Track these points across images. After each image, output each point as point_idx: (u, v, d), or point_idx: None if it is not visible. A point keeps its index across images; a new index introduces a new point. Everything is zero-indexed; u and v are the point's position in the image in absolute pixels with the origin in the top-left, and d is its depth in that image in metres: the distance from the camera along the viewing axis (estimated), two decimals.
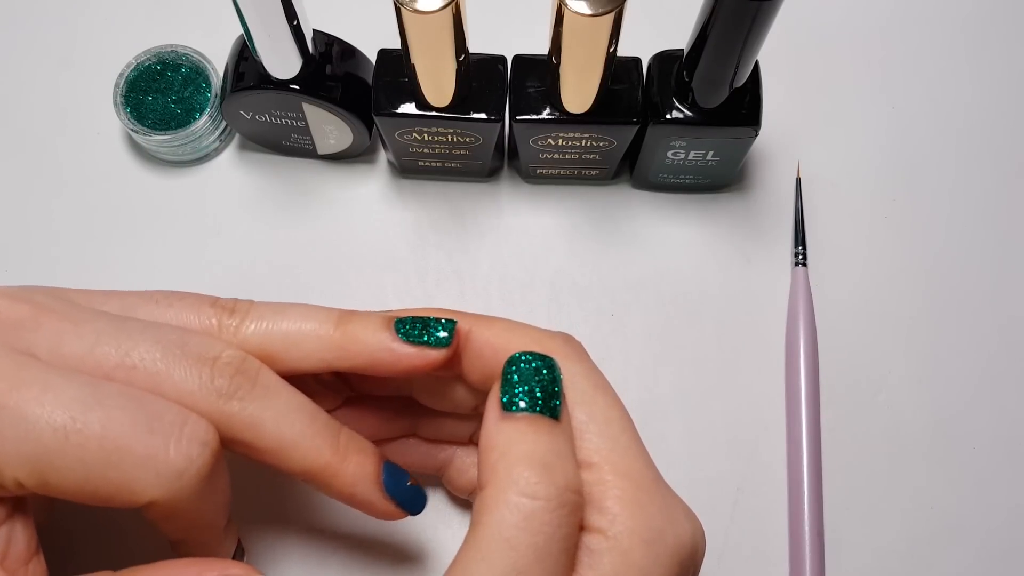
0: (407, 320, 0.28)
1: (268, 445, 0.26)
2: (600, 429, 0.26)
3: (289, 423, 0.27)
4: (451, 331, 0.28)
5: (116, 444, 0.23)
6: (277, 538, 0.36)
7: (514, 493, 0.23)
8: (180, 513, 0.25)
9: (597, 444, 0.25)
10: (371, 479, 0.28)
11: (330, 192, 0.42)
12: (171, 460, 0.24)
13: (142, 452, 0.24)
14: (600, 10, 0.30)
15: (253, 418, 0.26)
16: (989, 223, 0.42)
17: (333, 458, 0.27)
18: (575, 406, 0.26)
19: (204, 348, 0.26)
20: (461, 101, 0.36)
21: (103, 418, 0.23)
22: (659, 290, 0.40)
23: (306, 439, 0.27)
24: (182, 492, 0.24)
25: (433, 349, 0.28)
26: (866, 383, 0.39)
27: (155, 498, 0.24)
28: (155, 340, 0.26)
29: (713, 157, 0.38)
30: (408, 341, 0.28)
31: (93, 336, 0.25)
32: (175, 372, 0.25)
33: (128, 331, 0.26)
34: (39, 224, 0.41)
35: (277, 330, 0.28)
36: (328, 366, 0.28)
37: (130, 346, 0.25)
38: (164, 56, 0.41)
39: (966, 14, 0.45)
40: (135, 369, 0.25)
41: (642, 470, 0.25)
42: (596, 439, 0.26)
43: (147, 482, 0.24)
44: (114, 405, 0.24)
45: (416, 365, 0.28)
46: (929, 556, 0.37)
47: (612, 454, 0.25)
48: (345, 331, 0.28)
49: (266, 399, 0.27)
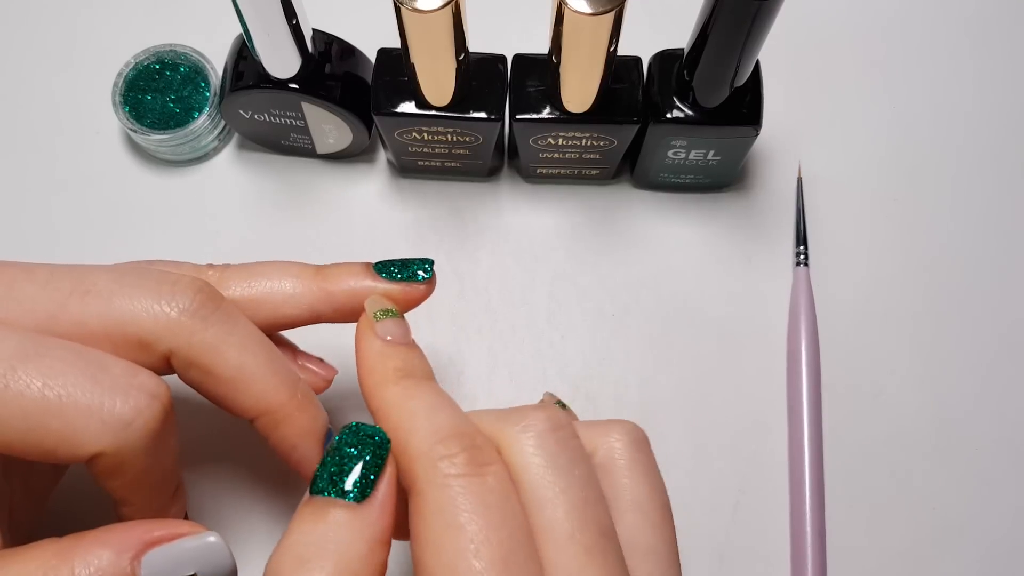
0: (386, 261, 0.30)
1: (228, 373, 0.26)
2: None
3: (252, 354, 0.27)
4: (430, 267, 0.29)
5: (58, 393, 0.23)
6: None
7: None
8: (127, 468, 0.24)
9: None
10: (318, 438, 0.28)
11: (329, 192, 0.42)
12: (118, 411, 0.23)
13: (86, 401, 0.23)
14: (600, 9, 0.29)
15: (216, 341, 0.26)
16: (991, 222, 0.42)
17: (289, 402, 0.27)
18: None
19: (164, 273, 0.26)
20: (461, 100, 0.36)
21: (43, 367, 0.23)
22: (660, 290, 0.40)
23: (267, 375, 0.27)
24: (128, 444, 0.24)
25: (415, 285, 0.29)
26: (868, 383, 0.39)
27: (101, 449, 0.23)
28: (110, 269, 0.26)
29: (714, 157, 0.38)
30: (390, 279, 0.29)
31: (46, 275, 0.25)
32: (133, 294, 0.25)
33: (83, 267, 0.26)
34: (38, 224, 0.41)
35: (260, 275, 0.29)
36: (314, 314, 0.29)
37: (84, 275, 0.25)
38: (163, 55, 0.41)
39: (968, 13, 0.45)
40: (89, 294, 0.25)
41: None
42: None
43: (92, 432, 0.23)
44: (57, 356, 0.23)
45: (398, 302, 0.29)
46: (931, 557, 0.37)
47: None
48: (327, 276, 0.29)
49: (230, 323, 0.26)
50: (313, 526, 0.22)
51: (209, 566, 0.23)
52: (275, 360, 0.27)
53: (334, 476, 0.23)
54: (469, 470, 0.22)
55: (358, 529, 0.22)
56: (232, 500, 0.36)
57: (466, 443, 0.23)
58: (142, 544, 0.23)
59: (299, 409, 0.27)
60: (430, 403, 0.24)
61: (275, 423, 0.27)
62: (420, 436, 0.23)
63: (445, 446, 0.23)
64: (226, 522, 0.36)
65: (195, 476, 0.36)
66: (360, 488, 0.23)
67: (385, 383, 0.26)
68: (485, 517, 0.22)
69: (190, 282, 0.26)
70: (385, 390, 0.25)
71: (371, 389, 0.26)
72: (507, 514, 0.22)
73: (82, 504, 0.30)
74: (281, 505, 0.36)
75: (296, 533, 0.22)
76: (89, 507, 0.29)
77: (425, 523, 0.22)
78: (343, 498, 0.22)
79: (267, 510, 0.36)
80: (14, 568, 0.22)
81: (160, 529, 0.23)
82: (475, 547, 0.21)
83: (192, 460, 0.29)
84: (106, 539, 0.23)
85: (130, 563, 0.23)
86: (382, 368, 0.26)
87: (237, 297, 0.29)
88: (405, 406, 0.24)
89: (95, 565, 0.22)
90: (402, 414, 0.24)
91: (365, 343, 0.27)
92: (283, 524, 0.36)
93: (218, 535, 0.23)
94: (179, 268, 0.29)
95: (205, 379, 0.26)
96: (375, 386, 0.26)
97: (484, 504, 0.22)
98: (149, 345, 0.25)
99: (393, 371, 0.26)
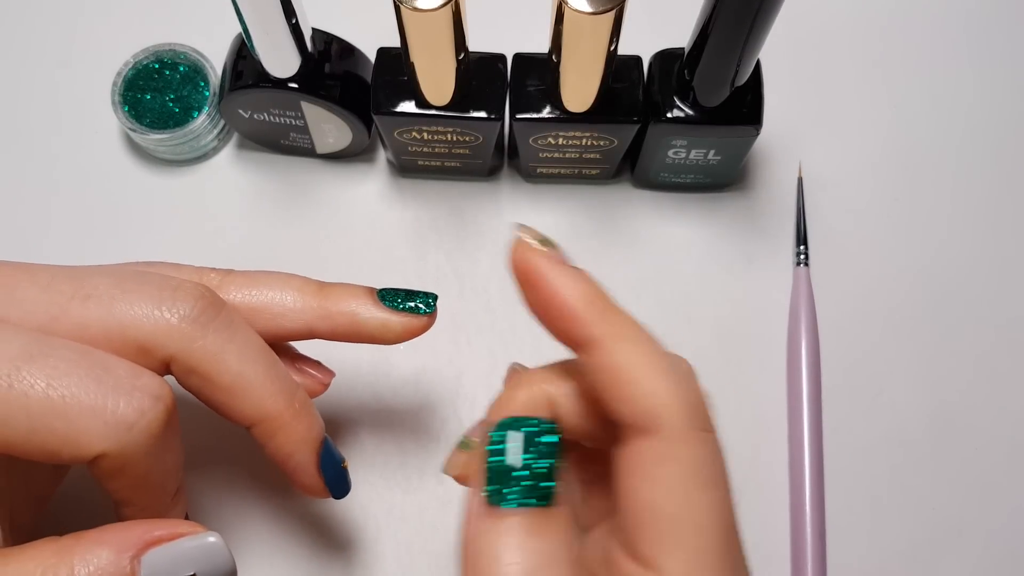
0: (390, 289, 0.29)
1: (226, 381, 0.26)
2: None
3: (251, 361, 0.26)
4: (434, 301, 0.29)
5: (61, 393, 0.23)
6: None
7: None
8: (128, 469, 0.24)
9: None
10: (313, 446, 0.28)
11: (329, 191, 0.42)
12: (121, 412, 0.23)
13: (89, 402, 0.23)
14: (601, 8, 0.29)
15: (216, 348, 0.26)
16: (992, 222, 0.42)
17: (287, 411, 0.27)
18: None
19: (165, 278, 0.26)
20: (461, 100, 0.36)
21: (48, 368, 0.23)
22: (660, 290, 0.40)
23: (265, 383, 0.27)
24: (131, 446, 0.24)
25: (417, 318, 0.29)
26: (868, 383, 0.39)
27: (104, 450, 0.23)
28: (111, 273, 0.26)
29: (714, 156, 0.38)
30: (392, 308, 0.29)
31: (48, 278, 0.25)
32: (134, 299, 0.25)
33: (84, 269, 0.26)
34: (37, 223, 0.41)
35: (262, 285, 0.28)
36: (310, 330, 0.29)
37: (86, 278, 0.25)
38: (162, 55, 0.41)
39: (968, 13, 0.45)
40: (90, 298, 0.25)
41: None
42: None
43: (95, 433, 0.23)
44: (61, 356, 0.23)
45: (397, 333, 0.29)
46: (931, 557, 0.37)
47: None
48: (328, 295, 0.29)
49: (230, 331, 0.26)
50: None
51: (209, 566, 0.23)
52: (274, 368, 0.27)
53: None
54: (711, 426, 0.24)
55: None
56: (233, 502, 0.36)
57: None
58: (142, 543, 0.23)
59: (296, 418, 0.27)
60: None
61: (272, 431, 0.27)
62: (676, 399, 0.23)
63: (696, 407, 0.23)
64: (227, 523, 0.36)
65: (197, 478, 0.36)
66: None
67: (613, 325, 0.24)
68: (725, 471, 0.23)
69: (192, 288, 0.26)
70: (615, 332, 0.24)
71: (593, 318, 0.24)
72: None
73: (84, 506, 0.30)
74: (281, 507, 0.36)
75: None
76: (91, 509, 0.28)
77: (678, 473, 0.22)
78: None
79: (267, 512, 0.36)
80: (13, 567, 0.22)
81: (160, 528, 0.23)
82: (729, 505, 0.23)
83: (194, 462, 0.29)
84: (106, 538, 0.23)
85: (130, 562, 0.22)
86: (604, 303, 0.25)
87: (237, 303, 0.28)
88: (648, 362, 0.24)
89: (94, 564, 0.22)
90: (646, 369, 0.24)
91: (563, 276, 0.25)
92: (283, 526, 0.36)
93: (218, 535, 0.23)
94: (180, 271, 0.28)
95: (204, 385, 0.26)
96: (599, 317, 0.24)
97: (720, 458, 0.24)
98: (149, 351, 0.25)
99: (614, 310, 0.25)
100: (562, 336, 0.25)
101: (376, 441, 0.37)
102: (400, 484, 0.37)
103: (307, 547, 0.36)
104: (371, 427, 0.37)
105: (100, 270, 0.26)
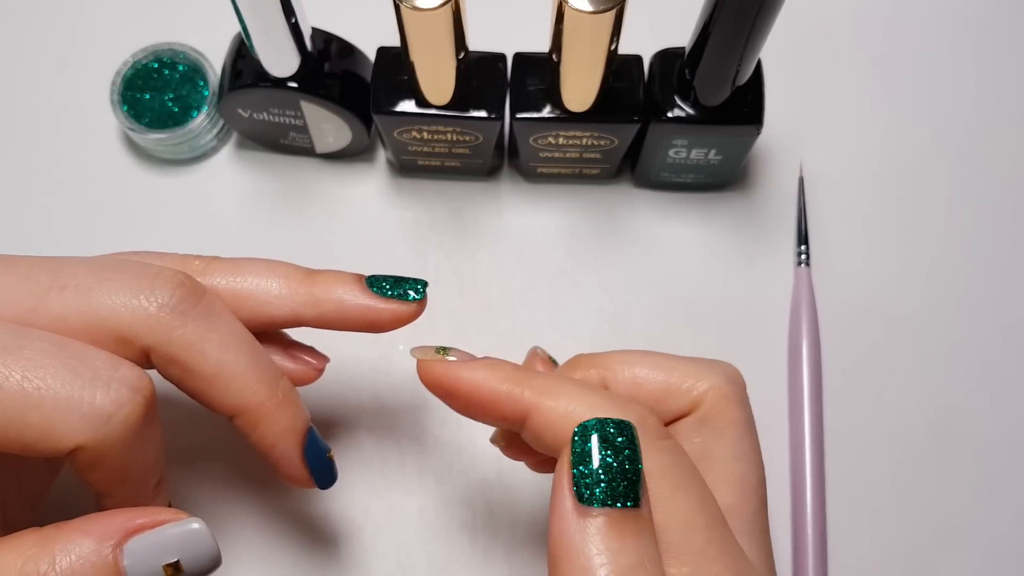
0: (379, 276, 0.29)
1: (207, 371, 0.26)
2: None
3: (233, 351, 0.26)
4: (423, 288, 0.29)
5: (37, 385, 0.23)
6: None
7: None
8: (107, 461, 0.24)
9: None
10: (297, 437, 0.28)
11: (329, 191, 0.41)
12: (98, 403, 0.23)
13: (65, 394, 0.23)
14: (601, 7, 0.29)
15: (196, 337, 0.25)
16: (993, 222, 0.41)
17: (269, 401, 0.27)
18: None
19: (144, 266, 0.26)
20: (461, 99, 0.36)
21: (23, 359, 0.23)
22: (660, 289, 0.40)
23: (247, 373, 0.26)
24: (109, 438, 0.23)
25: (405, 304, 0.29)
26: (869, 383, 0.39)
27: (81, 442, 0.23)
28: (91, 263, 0.25)
29: (715, 156, 0.38)
30: (381, 295, 0.28)
31: (25, 268, 0.25)
32: (112, 288, 0.25)
33: (63, 260, 0.25)
34: (35, 223, 0.41)
35: (247, 272, 0.28)
36: (296, 317, 0.28)
37: (63, 268, 0.25)
38: (161, 54, 0.41)
39: (969, 12, 0.45)
40: (67, 288, 0.24)
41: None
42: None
43: (72, 425, 0.23)
44: (36, 348, 0.23)
45: (386, 319, 0.28)
46: (932, 558, 0.37)
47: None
48: (315, 282, 0.29)
49: (211, 320, 0.26)
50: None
51: (192, 553, 0.23)
52: (256, 357, 0.27)
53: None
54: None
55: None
56: (230, 501, 0.36)
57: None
58: (124, 532, 0.23)
59: (279, 408, 0.27)
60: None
61: (254, 422, 0.27)
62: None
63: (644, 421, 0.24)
64: (224, 523, 0.36)
65: (192, 476, 0.36)
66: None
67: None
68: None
69: (171, 275, 0.26)
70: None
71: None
72: None
73: (79, 503, 0.30)
74: (280, 507, 0.36)
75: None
76: (87, 507, 0.28)
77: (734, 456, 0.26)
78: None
79: (266, 512, 0.36)
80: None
81: (142, 516, 0.23)
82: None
83: (181, 455, 0.29)
84: (87, 527, 0.23)
85: (112, 551, 0.22)
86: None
87: (220, 289, 0.28)
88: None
89: (76, 553, 0.22)
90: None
91: (473, 371, 0.26)
92: (273, 517, 0.36)
93: (201, 521, 0.23)
94: (163, 259, 0.28)
95: (184, 376, 0.26)
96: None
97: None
98: (128, 340, 0.25)
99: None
100: (505, 421, 0.26)
101: (376, 441, 0.37)
102: (399, 484, 0.37)
103: (307, 547, 0.36)
104: (371, 427, 0.37)
105: (79, 260, 0.26)
